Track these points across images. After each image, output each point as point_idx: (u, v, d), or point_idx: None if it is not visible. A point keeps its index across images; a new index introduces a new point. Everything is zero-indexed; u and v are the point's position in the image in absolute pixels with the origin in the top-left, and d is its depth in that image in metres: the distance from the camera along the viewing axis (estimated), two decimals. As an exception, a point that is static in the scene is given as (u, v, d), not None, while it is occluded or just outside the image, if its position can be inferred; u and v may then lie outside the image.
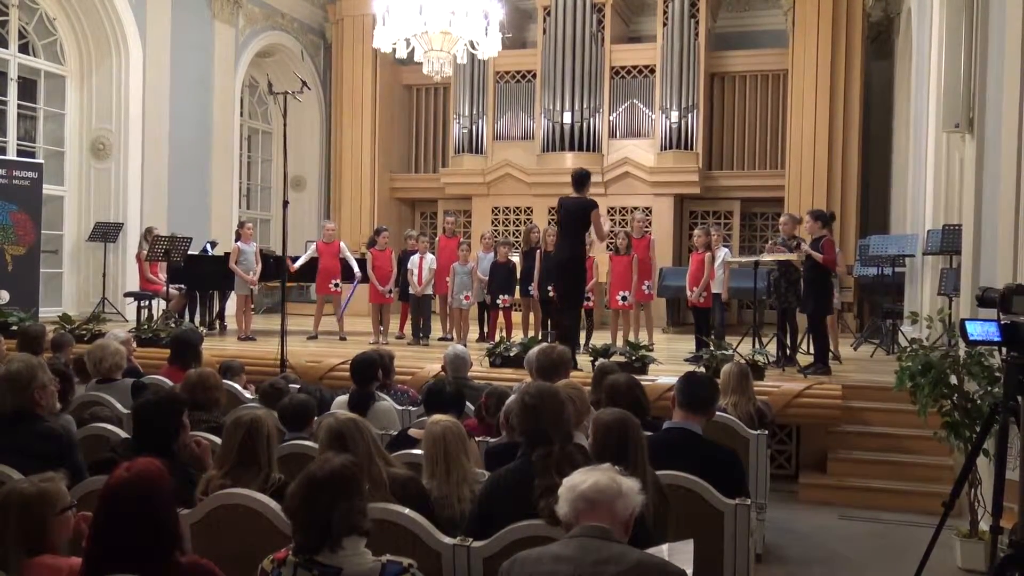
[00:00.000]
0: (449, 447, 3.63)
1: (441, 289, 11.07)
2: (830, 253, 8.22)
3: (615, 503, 2.51)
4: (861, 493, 6.98)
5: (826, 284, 8.44)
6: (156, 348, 8.91)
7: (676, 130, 14.31)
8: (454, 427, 3.72)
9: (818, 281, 8.33)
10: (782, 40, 14.57)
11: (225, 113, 14.63)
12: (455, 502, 3.55)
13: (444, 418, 3.79)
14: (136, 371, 6.45)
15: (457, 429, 3.72)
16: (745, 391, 5.61)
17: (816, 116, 13.74)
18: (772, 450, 7.14)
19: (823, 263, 8.19)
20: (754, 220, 15.23)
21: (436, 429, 3.68)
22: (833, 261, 8.30)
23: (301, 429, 4.56)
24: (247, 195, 16.58)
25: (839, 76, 13.69)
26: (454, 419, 3.86)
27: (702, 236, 9.78)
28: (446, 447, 3.63)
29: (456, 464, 3.62)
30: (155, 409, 3.81)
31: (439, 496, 3.56)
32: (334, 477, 2.66)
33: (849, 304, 12.83)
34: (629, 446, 3.33)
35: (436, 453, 3.64)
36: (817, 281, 8.33)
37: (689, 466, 3.73)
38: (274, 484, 3.49)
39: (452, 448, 3.63)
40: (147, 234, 11.57)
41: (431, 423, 3.75)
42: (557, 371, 5.14)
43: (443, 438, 3.65)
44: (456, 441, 3.66)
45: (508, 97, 15.43)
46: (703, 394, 4.05)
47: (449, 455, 3.62)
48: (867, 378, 8.22)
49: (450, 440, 3.65)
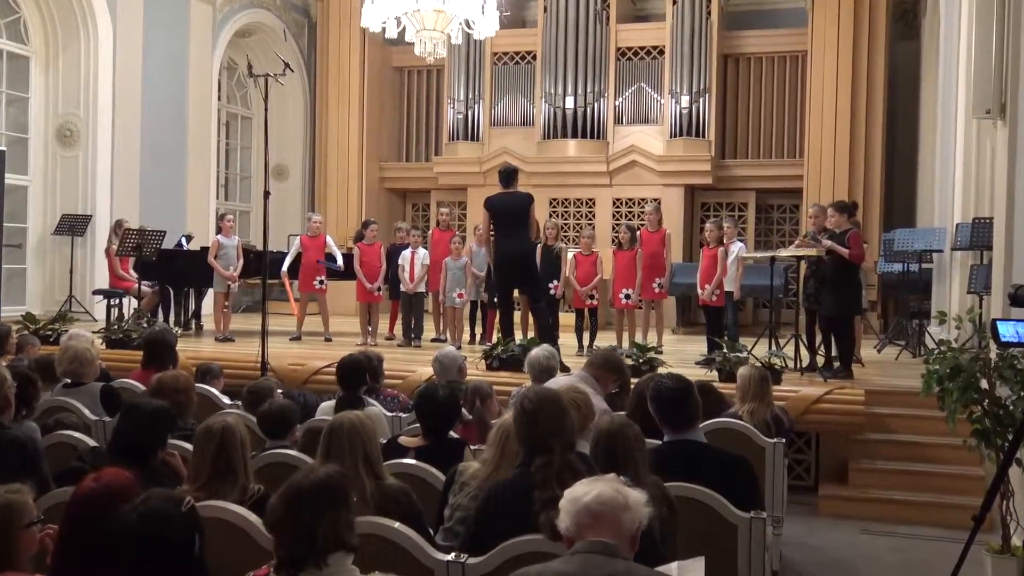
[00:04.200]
0: (510, 443, 3.63)
1: (434, 286, 11.07)
2: (857, 247, 8.19)
3: (621, 516, 2.51)
4: (884, 506, 6.98)
5: (852, 281, 8.42)
6: (127, 350, 8.91)
7: (687, 116, 14.31)
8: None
9: (843, 278, 8.31)
10: (801, 19, 14.55)
11: (202, 97, 14.61)
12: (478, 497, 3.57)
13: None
14: (105, 375, 6.44)
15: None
16: (764, 397, 5.61)
17: (837, 101, 13.74)
18: (789, 460, 7.15)
19: (850, 258, 8.16)
20: (770, 212, 15.23)
21: (507, 420, 3.71)
22: (860, 256, 8.28)
23: (282, 437, 4.56)
24: (225, 185, 16.56)
25: (862, 58, 13.69)
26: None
27: (714, 230, 9.77)
28: (508, 439, 3.63)
29: (507, 462, 3.63)
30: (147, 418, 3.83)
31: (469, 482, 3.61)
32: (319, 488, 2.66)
33: (873, 303, 12.84)
34: (619, 453, 3.34)
35: (495, 442, 3.68)
36: (842, 278, 8.31)
37: (698, 477, 3.74)
38: (253, 495, 3.50)
39: (512, 444, 3.63)
40: (117, 227, 11.56)
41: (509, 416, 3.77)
42: (611, 372, 5.35)
43: (508, 432, 3.66)
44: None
45: (506, 80, 15.42)
46: (683, 413, 4.06)
47: (506, 449, 3.63)
48: (891, 382, 8.23)
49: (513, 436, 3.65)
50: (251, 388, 5.59)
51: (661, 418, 4.07)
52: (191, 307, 12.09)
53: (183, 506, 2.60)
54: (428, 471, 4.08)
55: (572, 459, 3.24)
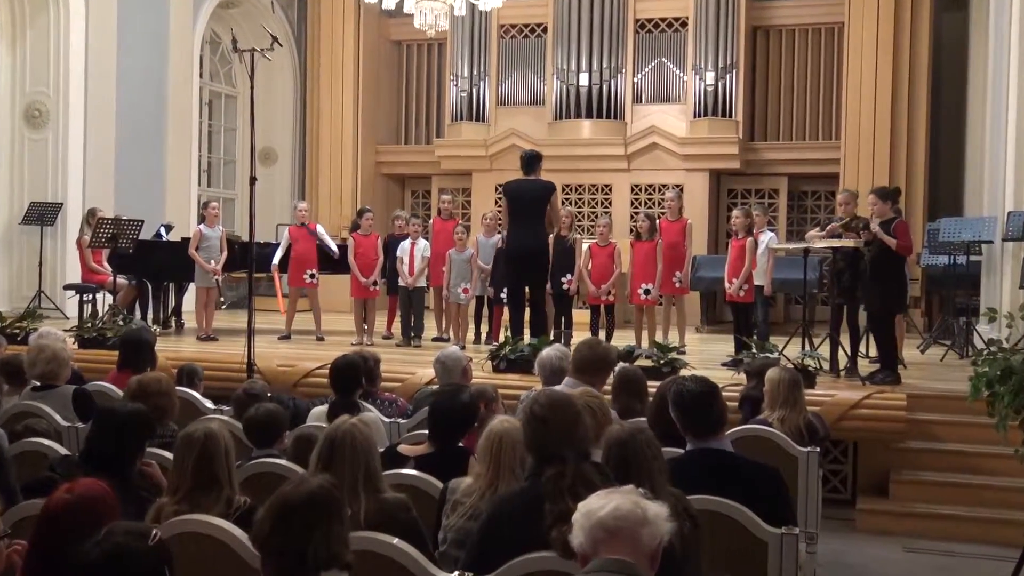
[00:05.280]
0: (504, 452, 3.65)
1: (436, 281, 11.07)
2: (905, 238, 8.11)
3: (639, 532, 2.51)
4: (929, 521, 6.97)
5: (898, 275, 8.35)
6: (102, 350, 8.93)
7: (712, 94, 14.28)
8: (516, 432, 3.73)
9: (888, 271, 8.23)
10: (837, -13, 14.52)
11: (182, 75, 14.62)
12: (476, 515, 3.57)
13: (510, 419, 3.82)
14: (78, 377, 6.46)
15: (519, 436, 3.74)
16: (796, 403, 5.59)
17: (877, 78, 13.69)
18: (825, 471, 7.13)
19: (897, 250, 8.09)
20: (804, 199, 15.21)
21: (497, 427, 3.72)
22: (909, 247, 8.21)
23: (270, 445, 4.56)
24: (208, 170, 16.58)
25: (904, 30, 13.63)
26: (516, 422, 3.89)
27: (741, 218, 9.75)
28: (500, 451, 3.65)
29: (505, 475, 3.64)
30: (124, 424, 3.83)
31: (463, 501, 3.61)
32: (310, 500, 2.67)
33: (916, 299, 12.80)
34: (632, 464, 3.34)
35: (488, 454, 3.68)
36: (886, 271, 8.23)
37: (724, 490, 3.73)
38: (239, 508, 3.50)
39: (507, 455, 3.65)
40: (90, 216, 11.58)
41: (499, 420, 3.78)
42: (600, 370, 5.22)
43: (499, 440, 3.67)
44: (513, 449, 3.68)
45: (514, 55, 15.41)
46: (708, 419, 4.04)
47: (501, 462, 3.64)
48: (936, 386, 8.21)
49: (507, 444, 3.67)
50: (247, 389, 5.58)
51: (683, 424, 4.06)
52: (171, 303, 12.11)
53: (150, 539, 2.59)
54: (430, 483, 4.07)
55: (586, 469, 3.24)
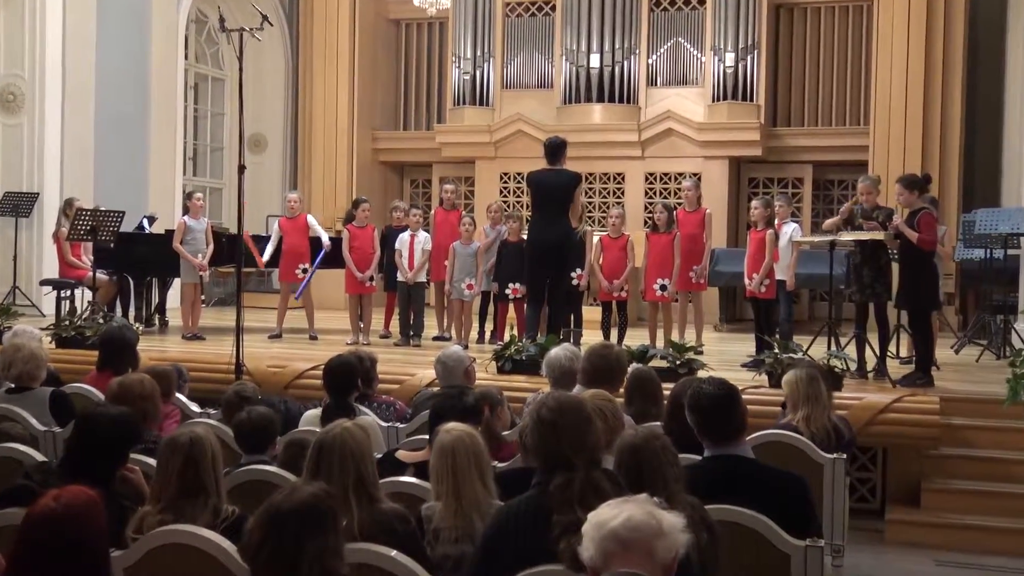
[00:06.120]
0: (458, 463, 3.66)
1: (437, 276, 11.07)
2: (928, 231, 8.08)
3: (654, 544, 2.50)
4: (963, 532, 6.96)
5: (928, 270, 8.32)
6: (80, 350, 8.94)
7: (732, 76, 14.25)
8: (468, 438, 3.75)
9: (917, 266, 8.21)
10: (866, -38, 14.50)
11: (166, 57, 14.62)
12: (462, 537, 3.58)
13: (459, 426, 3.84)
14: (55, 378, 6.47)
15: (472, 441, 3.76)
16: (819, 399, 5.58)
17: (908, 58, 13.63)
18: (852, 479, 7.12)
19: (918, 244, 8.08)
20: (830, 189, 15.18)
21: (446, 439, 3.73)
22: (931, 242, 8.19)
23: (261, 450, 4.57)
24: (193, 158, 16.60)
25: (937, 8, 13.58)
26: (471, 429, 3.88)
27: (760, 209, 9.69)
28: (454, 463, 3.65)
29: (467, 486, 3.65)
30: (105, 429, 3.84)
31: (442, 527, 3.58)
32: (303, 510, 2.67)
33: (950, 296, 12.78)
34: (646, 471, 3.34)
35: (443, 470, 3.68)
36: (916, 267, 8.21)
37: (744, 499, 3.74)
38: (227, 518, 3.51)
39: (461, 465, 3.66)
40: (68, 207, 11.58)
41: (443, 431, 3.80)
42: (614, 378, 5.20)
43: (452, 451, 3.68)
44: (467, 456, 3.69)
45: (521, 35, 15.39)
46: (727, 423, 4.03)
47: (457, 473, 3.65)
48: (971, 389, 8.20)
49: (460, 454, 3.67)
50: (238, 392, 5.59)
51: (701, 429, 4.06)
52: (154, 300, 12.13)
53: None
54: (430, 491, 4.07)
55: (597, 477, 3.24)
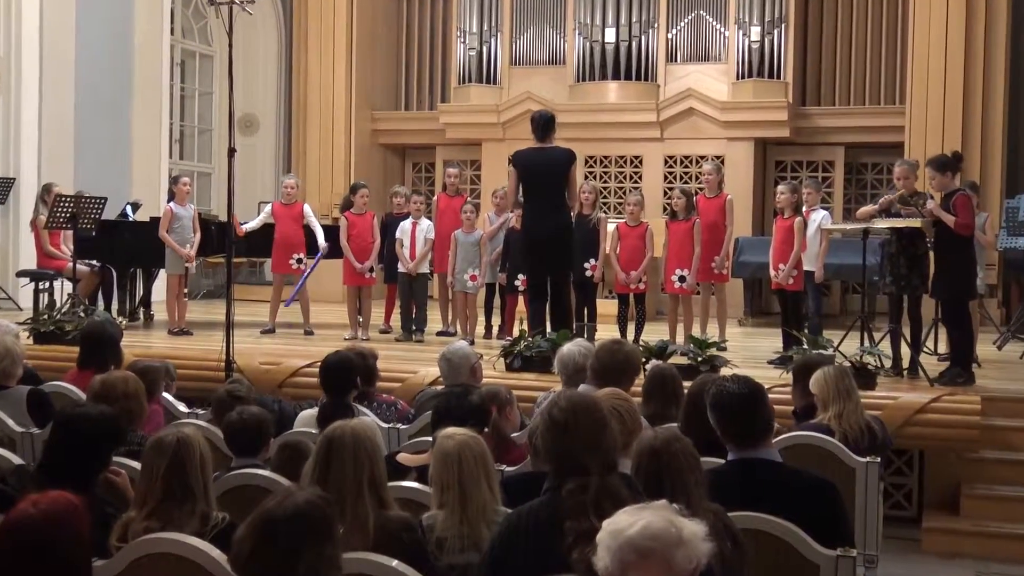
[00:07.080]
0: (465, 470, 3.66)
1: (440, 267, 11.07)
2: (964, 215, 8.05)
3: (673, 553, 2.51)
4: (1005, 541, 6.97)
5: (965, 258, 8.29)
6: (60, 345, 8.96)
7: (757, 52, 14.22)
8: (473, 443, 3.76)
9: (954, 254, 8.17)
10: (902, -71, 14.45)
11: (150, 32, 14.63)
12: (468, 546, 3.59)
13: (461, 431, 3.85)
14: (33, 376, 6.49)
15: (477, 446, 3.77)
16: (850, 394, 5.59)
17: (948, 33, 13.57)
18: (886, 484, 7.11)
19: (955, 228, 8.04)
20: (863, 173, 15.14)
21: (449, 445, 3.73)
22: (968, 225, 8.16)
23: (254, 453, 4.58)
24: (180, 141, 16.63)
25: (980, -22, 13.55)
26: (474, 433, 3.89)
27: (787, 194, 9.65)
28: (461, 470, 3.66)
29: (474, 494, 3.66)
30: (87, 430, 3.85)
31: (446, 536, 3.59)
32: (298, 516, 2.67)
33: (992, 287, 12.74)
34: (666, 476, 3.34)
35: (447, 478, 3.69)
36: (953, 254, 8.17)
37: (771, 505, 3.74)
38: (216, 525, 3.52)
39: (469, 472, 3.67)
40: (46, 193, 11.59)
41: (444, 437, 3.80)
42: (625, 376, 5.26)
43: (458, 458, 3.68)
44: (475, 462, 3.70)
45: (530, 8, 15.36)
46: (752, 425, 4.03)
47: (464, 481, 3.66)
48: (1015, 387, 8.18)
49: (467, 460, 3.68)
50: (230, 391, 5.59)
51: (724, 431, 4.06)
52: (138, 292, 12.16)
53: None
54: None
55: (613, 482, 3.24)
